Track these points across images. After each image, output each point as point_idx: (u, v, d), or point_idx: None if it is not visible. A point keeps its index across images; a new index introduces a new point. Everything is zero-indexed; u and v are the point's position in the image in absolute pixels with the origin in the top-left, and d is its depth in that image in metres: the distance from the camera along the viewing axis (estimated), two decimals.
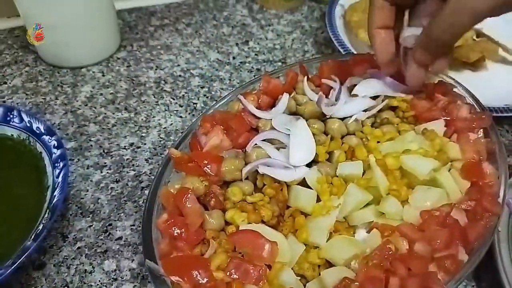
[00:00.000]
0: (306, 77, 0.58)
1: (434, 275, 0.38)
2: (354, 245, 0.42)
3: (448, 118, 0.53)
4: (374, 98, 0.56)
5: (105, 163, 0.63)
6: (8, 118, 0.57)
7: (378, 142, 0.51)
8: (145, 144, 0.66)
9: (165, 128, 0.68)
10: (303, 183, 0.48)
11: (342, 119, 0.54)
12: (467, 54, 0.79)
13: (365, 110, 0.55)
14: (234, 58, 0.82)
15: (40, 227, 0.46)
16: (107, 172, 0.62)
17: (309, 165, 0.49)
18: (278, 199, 0.47)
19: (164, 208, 0.45)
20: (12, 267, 0.42)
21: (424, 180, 0.47)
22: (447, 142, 0.50)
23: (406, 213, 0.45)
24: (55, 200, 0.48)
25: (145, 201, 0.49)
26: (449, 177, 0.47)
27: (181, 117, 0.70)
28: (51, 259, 0.52)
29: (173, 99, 0.73)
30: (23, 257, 0.42)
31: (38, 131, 0.55)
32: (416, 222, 0.44)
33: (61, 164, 0.51)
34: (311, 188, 0.47)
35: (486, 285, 0.53)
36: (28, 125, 0.56)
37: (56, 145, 0.53)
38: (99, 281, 0.51)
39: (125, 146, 0.65)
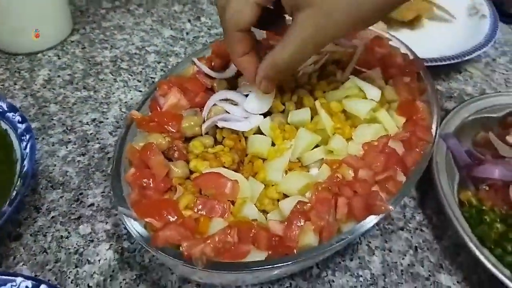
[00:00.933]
0: None
1: (376, 193, 0.44)
2: (306, 177, 0.47)
3: (385, 66, 0.59)
4: (318, 53, 0.61)
5: (69, 139, 0.65)
6: None
7: (324, 92, 0.57)
8: (107, 118, 0.68)
9: (125, 102, 0.71)
10: (259, 133, 0.53)
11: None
12: (404, 14, 0.85)
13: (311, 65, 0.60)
14: (187, 33, 0.85)
15: (14, 194, 0.48)
16: (73, 147, 0.64)
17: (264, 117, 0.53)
18: (237, 148, 0.51)
19: (131, 164, 0.49)
20: None
21: (365, 120, 0.53)
22: (384, 85, 0.56)
23: (350, 148, 0.50)
24: (25, 169, 0.50)
25: (112, 160, 0.52)
26: (386, 115, 0.53)
27: (140, 91, 0.73)
28: (27, 230, 0.55)
29: (131, 75, 0.76)
30: (1, 220, 0.45)
31: (1, 110, 0.57)
32: (360, 155, 0.49)
33: (27, 137, 0.53)
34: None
35: (431, 212, 0.59)
36: None
37: (20, 120, 0.55)
38: (76, 244, 0.53)
39: (87, 122, 0.68)
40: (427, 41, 0.83)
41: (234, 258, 0.40)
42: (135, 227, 0.42)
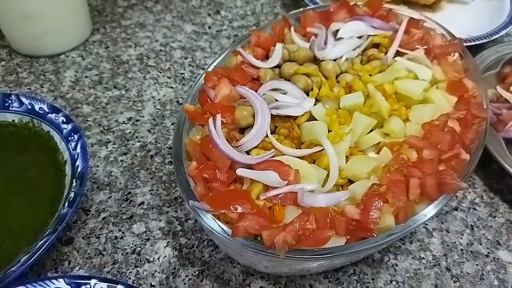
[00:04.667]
0: (292, 28, 0.62)
1: (447, 171, 0.43)
2: (371, 160, 0.46)
3: (426, 47, 0.59)
4: (358, 39, 0.60)
5: (108, 139, 0.64)
6: (7, 104, 0.56)
7: (370, 75, 0.56)
8: (143, 116, 0.67)
9: (159, 99, 0.70)
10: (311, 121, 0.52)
11: (334, 61, 0.58)
12: None
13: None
14: (209, 27, 0.84)
15: (72, 195, 0.47)
16: (113, 147, 0.63)
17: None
18: (292, 136, 0.50)
19: (190, 158, 0.47)
20: (55, 233, 0.43)
21: (418, 100, 0.52)
22: (431, 65, 0.56)
23: (408, 129, 0.50)
24: (79, 169, 0.49)
25: (170, 155, 0.50)
26: (439, 94, 0.53)
27: (172, 87, 0.72)
28: (78, 233, 0.53)
29: (160, 72, 0.74)
30: (63, 222, 0.43)
31: (42, 111, 0.55)
32: (419, 135, 0.49)
33: (76, 137, 0.52)
34: None
35: (481, 190, 0.60)
36: (30, 107, 0.56)
37: (64, 120, 0.54)
38: (132, 243, 0.52)
39: (123, 121, 0.66)
40: (449, 23, 0.83)
41: (315, 245, 0.39)
42: (208, 220, 0.41)
